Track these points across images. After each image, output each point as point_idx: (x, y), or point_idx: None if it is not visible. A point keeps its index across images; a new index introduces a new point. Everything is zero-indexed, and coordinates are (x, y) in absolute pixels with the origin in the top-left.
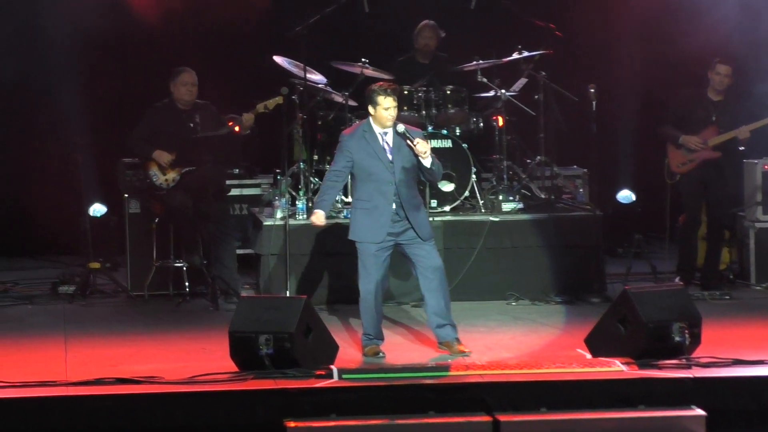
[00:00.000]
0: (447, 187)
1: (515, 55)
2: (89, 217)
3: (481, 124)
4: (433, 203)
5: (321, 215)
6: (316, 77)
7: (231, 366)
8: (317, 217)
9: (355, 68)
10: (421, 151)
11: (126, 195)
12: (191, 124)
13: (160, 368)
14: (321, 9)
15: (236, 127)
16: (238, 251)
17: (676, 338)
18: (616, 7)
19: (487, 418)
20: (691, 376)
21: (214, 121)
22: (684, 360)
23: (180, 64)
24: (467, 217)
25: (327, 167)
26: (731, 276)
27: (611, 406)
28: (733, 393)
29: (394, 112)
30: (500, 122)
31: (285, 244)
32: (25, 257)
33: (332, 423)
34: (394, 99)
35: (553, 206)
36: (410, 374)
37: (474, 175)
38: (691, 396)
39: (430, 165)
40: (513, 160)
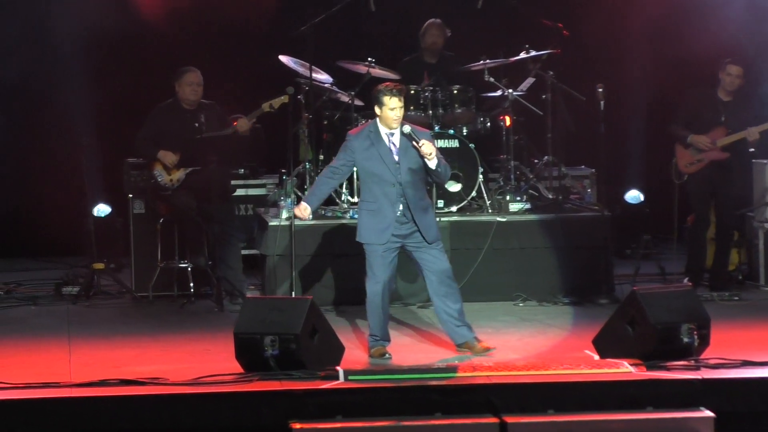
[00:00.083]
0: (454, 187)
1: (523, 55)
2: (93, 218)
3: (488, 123)
4: (440, 203)
5: (305, 208)
6: (322, 77)
7: (236, 367)
8: (301, 210)
9: (361, 67)
10: (426, 152)
11: (130, 195)
12: (196, 124)
13: (164, 369)
14: (327, 8)
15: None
16: (243, 252)
17: (685, 339)
18: (623, 6)
19: (494, 420)
20: (699, 377)
21: (220, 121)
22: (693, 361)
23: (185, 63)
24: (474, 218)
25: None
26: (740, 277)
27: (619, 407)
28: (742, 394)
29: (400, 113)
30: (507, 122)
31: (290, 245)
32: (28, 258)
33: (338, 424)
34: (400, 99)
35: (561, 207)
36: (417, 375)
37: (481, 176)
38: (700, 397)
39: (435, 167)
40: (520, 160)
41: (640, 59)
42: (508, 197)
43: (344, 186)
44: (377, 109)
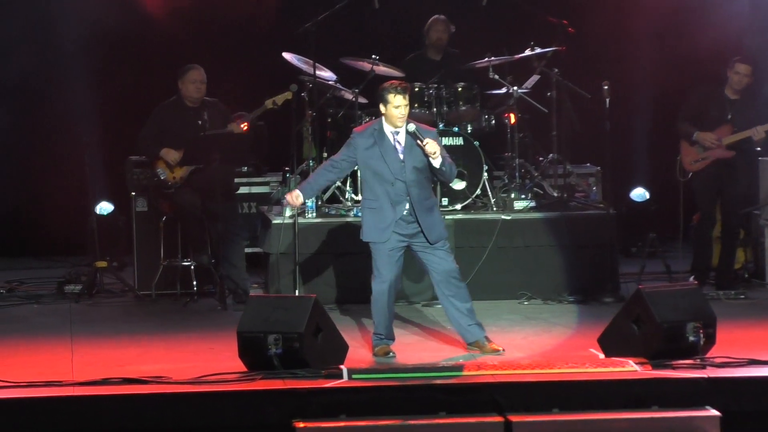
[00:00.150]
0: (458, 185)
1: (528, 52)
2: (96, 216)
3: (493, 121)
4: (444, 201)
5: (297, 196)
6: (326, 74)
7: (239, 366)
8: (293, 197)
9: (365, 65)
10: (431, 151)
11: (133, 193)
12: (199, 122)
13: (167, 368)
14: (331, 5)
15: (243, 125)
16: (247, 250)
17: (691, 338)
18: (629, 3)
19: (499, 419)
20: (705, 376)
21: (223, 119)
22: (698, 360)
23: (188, 61)
24: (479, 216)
25: None
26: (746, 275)
27: (625, 406)
28: (748, 393)
29: (404, 111)
30: (512, 120)
31: (294, 243)
32: (31, 256)
33: (342, 423)
34: (405, 97)
35: (566, 205)
36: (421, 374)
37: (485, 173)
38: (706, 396)
39: (439, 166)
40: (525, 157)
41: (646, 56)
42: (512, 195)
43: (348, 184)
44: (382, 107)
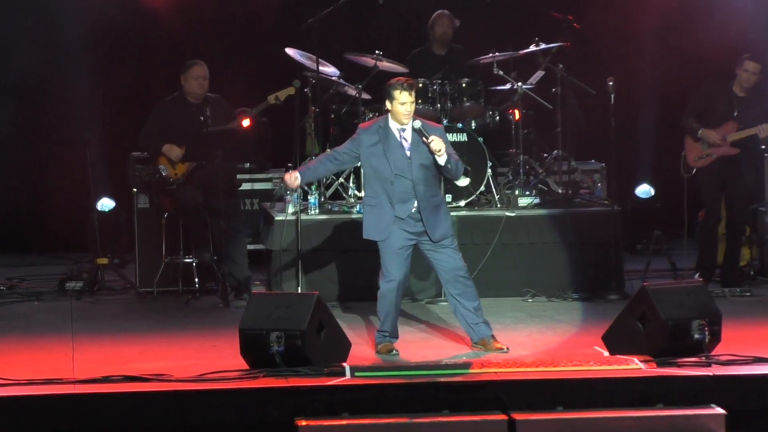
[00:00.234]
0: (462, 181)
1: (532, 48)
2: (97, 212)
3: (497, 117)
4: (448, 198)
5: (296, 178)
6: (329, 70)
7: (241, 364)
8: (291, 177)
9: (368, 60)
10: (436, 149)
11: (135, 190)
12: (201, 118)
13: (169, 366)
14: (334, 0)
15: (246, 121)
16: (249, 247)
17: (696, 336)
18: None
19: (503, 417)
20: (710, 374)
21: (225, 115)
22: (703, 358)
23: (191, 57)
24: (483, 212)
25: None
26: (752, 273)
27: (629, 404)
28: (753, 391)
29: (410, 108)
30: (517, 116)
31: (297, 240)
32: (32, 253)
33: (344, 422)
34: (411, 94)
35: (571, 201)
36: (424, 372)
37: (490, 170)
38: (711, 394)
39: (444, 163)
40: (529, 154)
41: (651, 52)
42: (517, 192)
43: (351, 180)
44: (388, 104)
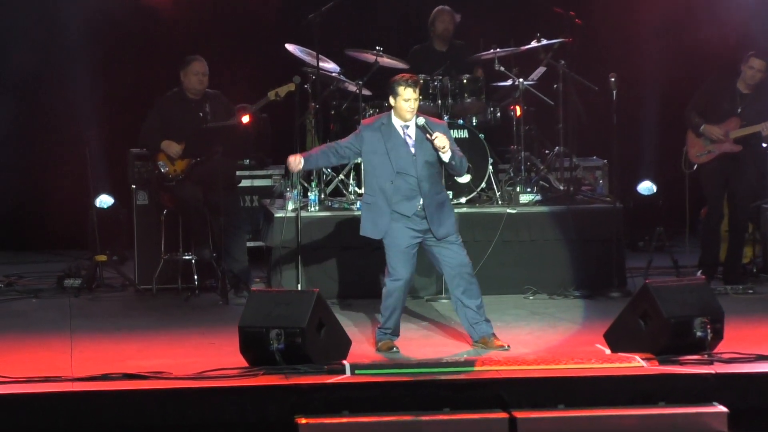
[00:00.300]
0: (463, 178)
1: (534, 44)
2: (96, 209)
3: (499, 114)
4: (449, 194)
5: (300, 161)
6: (330, 66)
7: (241, 361)
8: (295, 161)
9: (369, 56)
10: (440, 145)
11: (133, 186)
12: (201, 114)
13: (168, 363)
14: None
15: (245, 117)
16: (249, 244)
17: (698, 333)
18: None
19: (504, 415)
20: (713, 372)
21: (225, 111)
22: (706, 356)
23: (191, 53)
24: (484, 209)
25: None
26: (754, 270)
27: (631, 402)
28: (756, 389)
29: (414, 105)
30: (518, 112)
31: (297, 237)
32: (31, 250)
33: (344, 419)
34: (415, 91)
35: (572, 198)
36: (425, 370)
37: (491, 167)
38: (713, 392)
39: (448, 160)
40: (531, 150)
41: (654, 48)
42: (518, 188)
43: (351, 177)
44: (392, 100)
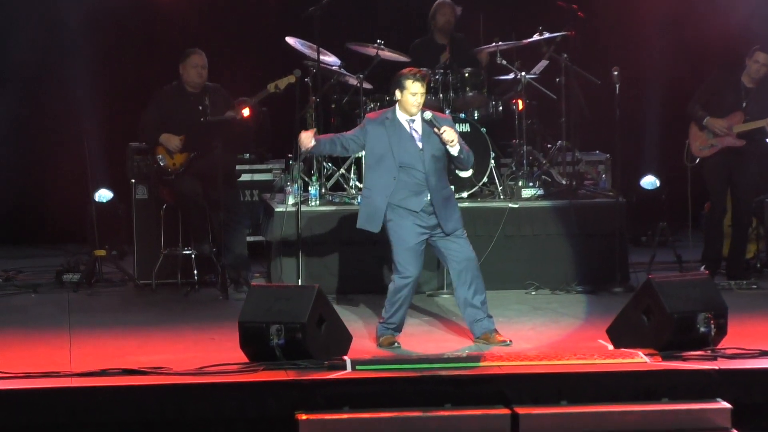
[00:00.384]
0: (465, 172)
1: (536, 37)
2: (95, 204)
3: (501, 108)
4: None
5: (311, 140)
6: (330, 59)
7: (241, 357)
8: (307, 136)
9: (370, 50)
10: (448, 139)
11: (133, 180)
12: (200, 107)
13: (167, 359)
14: None
15: (245, 111)
16: (249, 239)
17: (702, 329)
18: None
19: (506, 411)
20: (716, 368)
21: (225, 105)
22: (709, 351)
23: (191, 46)
24: (486, 204)
25: None
26: (758, 265)
27: (634, 398)
28: (759, 385)
29: (420, 99)
30: (520, 106)
31: (297, 232)
32: (29, 245)
33: (345, 415)
34: (423, 85)
35: (575, 193)
36: (426, 365)
37: (493, 161)
38: (717, 388)
39: (457, 153)
40: (533, 145)
41: (657, 42)
42: (520, 183)
43: (352, 171)
44: (398, 93)
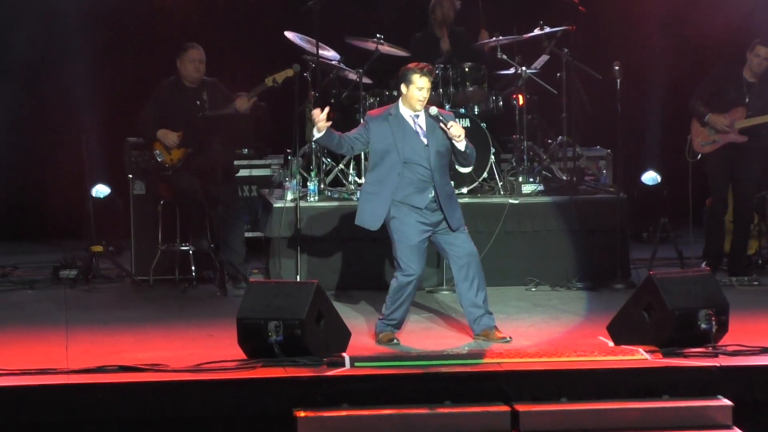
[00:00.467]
0: (465, 168)
1: (537, 31)
2: (92, 199)
3: (501, 102)
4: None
5: (323, 124)
6: (329, 54)
7: (239, 354)
8: (323, 117)
9: (369, 44)
10: (456, 134)
11: (130, 176)
12: (198, 102)
13: (164, 356)
14: None
15: (243, 105)
16: (247, 234)
17: (703, 326)
18: None
19: (506, 408)
20: (717, 364)
21: (223, 99)
22: (710, 348)
23: (189, 40)
24: (486, 200)
25: None
26: (760, 261)
27: (634, 395)
28: (761, 382)
29: (426, 94)
30: (521, 101)
31: (296, 227)
32: (26, 241)
33: (344, 413)
34: (430, 80)
35: (576, 188)
36: (426, 363)
37: (493, 156)
38: (718, 385)
39: (463, 148)
40: (534, 140)
41: (658, 36)
42: (520, 178)
43: (351, 167)
44: (403, 87)
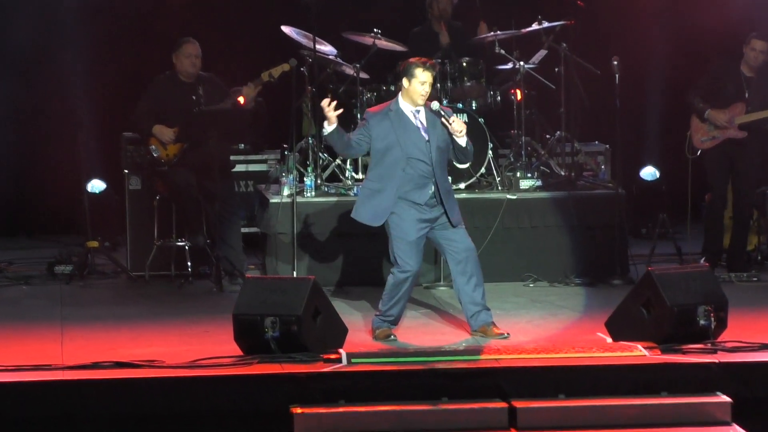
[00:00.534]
0: (463, 164)
1: (535, 26)
2: (88, 194)
3: (499, 98)
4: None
5: (332, 116)
6: (327, 48)
7: (235, 350)
8: (332, 108)
9: (367, 39)
10: (458, 129)
11: (126, 171)
12: (194, 97)
13: (160, 352)
14: None
15: (240, 98)
16: (244, 230)
17: (702, 322)
18: None
19: (503, 405)
20: (716, 361)
21: (219, 94)
22: (709, 344)
23: (185, 35)
24: (483, 195)
25: None
26: (759, 257)
27: (633, 392)
28: (760, 379)
29: (428, 89)
30: (519, 96)
31: (292, 223)
32: (21, 236)
33: (341, 409)
34: (432, 75)
35: (574, 184)
36: (423, 359)
37: (491, 151)
38: (717, 382)
39: (465, 144)
40: (532, 135)
41: (657, 31)
42: (518, 174)
43: (348, 162)
44: (405, 82)
